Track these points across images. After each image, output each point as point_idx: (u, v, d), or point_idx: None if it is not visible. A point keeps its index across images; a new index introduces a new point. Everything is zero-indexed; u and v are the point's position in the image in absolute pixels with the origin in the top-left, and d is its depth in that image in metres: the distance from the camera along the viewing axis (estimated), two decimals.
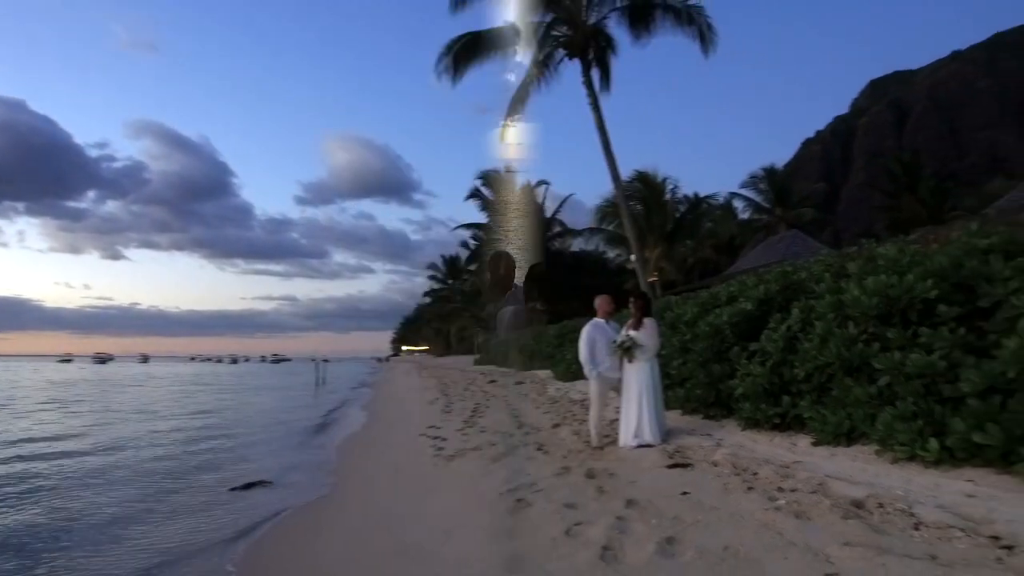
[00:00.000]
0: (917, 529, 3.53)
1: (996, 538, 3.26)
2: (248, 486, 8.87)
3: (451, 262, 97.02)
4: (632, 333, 6.97)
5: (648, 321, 7.03)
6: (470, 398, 17.09)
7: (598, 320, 7.44)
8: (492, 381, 22.84)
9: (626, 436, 6.92)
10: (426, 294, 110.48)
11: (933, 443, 4.47)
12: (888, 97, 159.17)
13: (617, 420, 7.40)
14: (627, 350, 6.95)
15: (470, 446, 8.82)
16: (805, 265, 8.04)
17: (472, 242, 58.52)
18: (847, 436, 5.46)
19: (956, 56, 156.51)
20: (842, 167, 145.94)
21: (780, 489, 4.57)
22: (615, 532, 4.13)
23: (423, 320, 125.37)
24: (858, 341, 5.55)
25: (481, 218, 49.32)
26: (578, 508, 4.85)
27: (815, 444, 5.73)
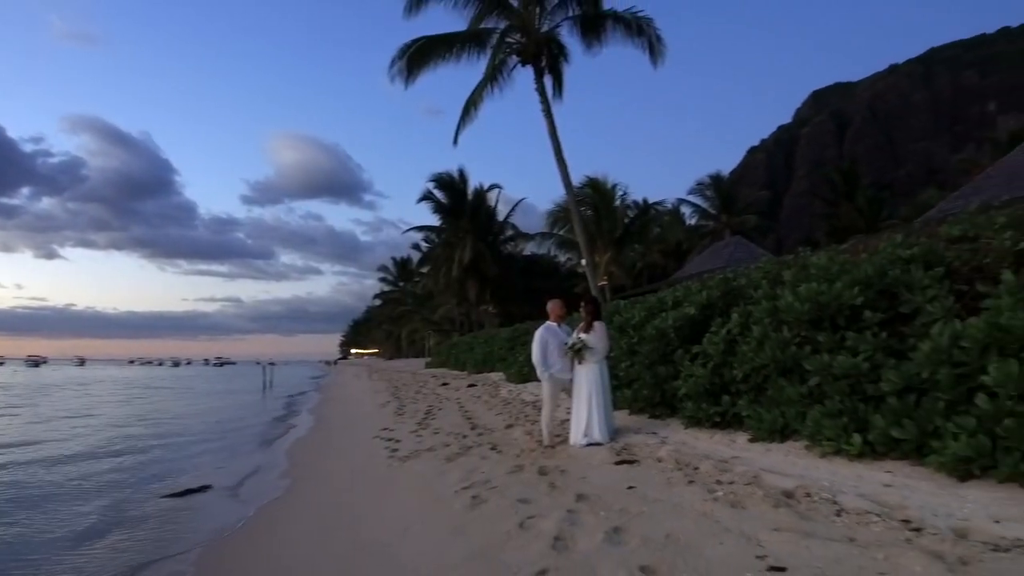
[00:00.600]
0: (839, 515, 3.88)
1: (907, 521, 3.63)
2: (188, 492, 8.69)
3: (402, 264, 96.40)
4: (583, 336, 7.26)
5: (598, 325, 7.33)
6: (423, 400, 17.19)
7: (550, 323, 7.70)
8: (444, 384, 22.96)
9: (576, 435, 7.20)
10: (376, 296, 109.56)
11: (856, 438, 4.86)
12: (829, 108, 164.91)
13: (568, 420, 7.68)
14: (578, 352, 7.23)
15: (424, 447, 8.97)
16: (745, 272, 8.48)
17: (424, 244, 58.31)
18: (781, 433, 5.85)
19: (894, 69, 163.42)
20: (785, 175, 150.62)
21: (718, 482, 4.90)
22: (566, 524, 4.37)
23: (373, 323, 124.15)
24: (791, 344, 5.95)
25: (434, 220, 49.29)
26: (531, 503, 5.08)
27: (752, 440, 6.11)
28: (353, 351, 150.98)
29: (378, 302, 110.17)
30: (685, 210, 50.69)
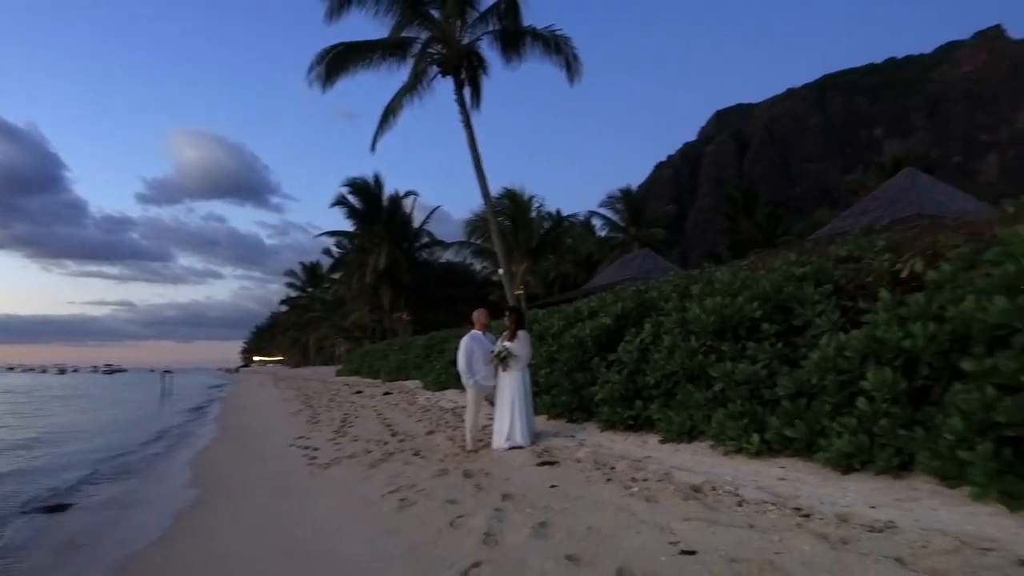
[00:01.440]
0: (740, 506, 4.34)
1: (798, 509, 4.11)
2: (59, 508, 8.11)
3: (311, 269, 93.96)
4: (507, 344, 7.56)
5: (522, 333, 7.66)
6: (337, 409, 16.98)
7: (476, 332, 7.97)
8: (358, 392, 22.70)
9: (499, 439, 7.49)
10: (283, 302, 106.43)
11: (755, 437, 5.39)
12: (731, 128, 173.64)
13: (490, 425, 7.95)
14: (502, 360, 7.53)
15: (345, 454, 8.99)
16: (656, 285, 9.04)
17: (336, 250, 57.13)
18: (689, 434, 6.35)
19: (790, 93, 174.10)
20: (690, 190, 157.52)
21: (633, 479, 5.30)
22: (495, 521, 4.63)
23: (278, 329, 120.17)
24: (698, 353, 6.47)
25: (347, 226, 48.49)
26: (459, 503, 5.31)
27: (662, 441, 6.59)
28: (256, 359, 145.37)
29: (284, 308, 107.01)
30: (596, 222, 52.19)
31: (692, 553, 3.59)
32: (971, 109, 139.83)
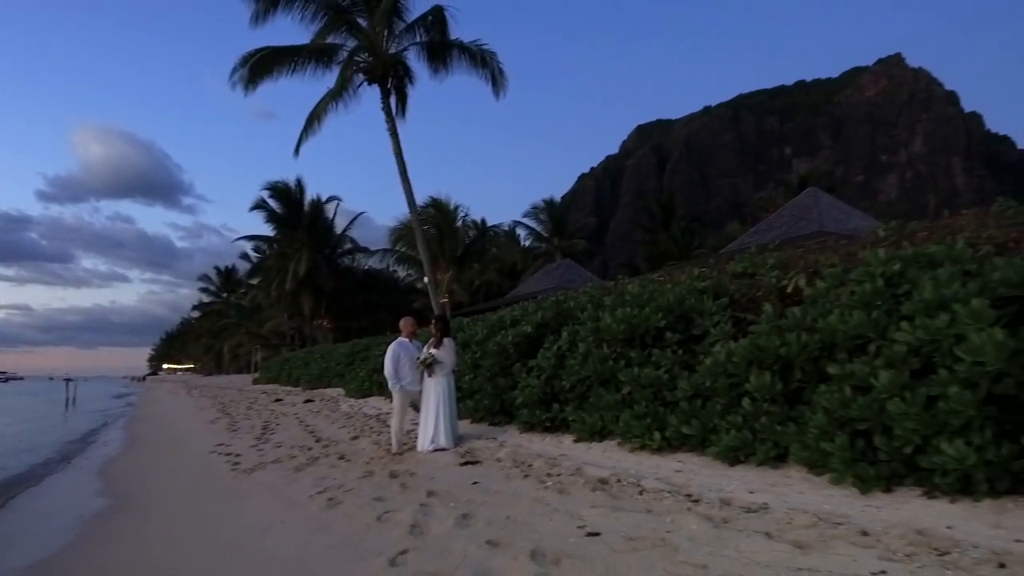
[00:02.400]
0: (641, 494, 4.88)
1: (690, 495, 4.69)
2: None
3: (227, 274, 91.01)
4: (433, 351, 7.93)
5: (447, 341, 8.06)
6: (257, 417, 16.79)
7: (403, 339, 8.30)
8: (278, 400, 22.39)
9: (424, 442, 7.84)
10: (195, 307, 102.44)
11: (656, 435, 5.98)
12: (651, 142, 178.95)
13: (415, 429, 8.28)
14: (428, 366, 7.89)
15: (269, 459, 9.09)
16: (574, 296, 9.63)
17: (254, 254, 55.59)
18: (600, 433, 6.90)
19: (707, 111, 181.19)
20: (612, 202, 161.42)
21: (548, 475, 5.80)
22: (420, 515, 4.99)
23: (190, 336, 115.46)
24: (609, 359, 7.04)
25: (266, 230, 47.41)
26: (386, 501, 5.64)
27: (576, 441, 7.11)
28: (165, 366, 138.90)
29: (197, 314, 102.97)
30: (521, 232, 53.16)
31: (596, 535, 4.08)
32: (873, 131, 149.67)
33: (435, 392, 7.87)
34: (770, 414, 5.11)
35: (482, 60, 22.69)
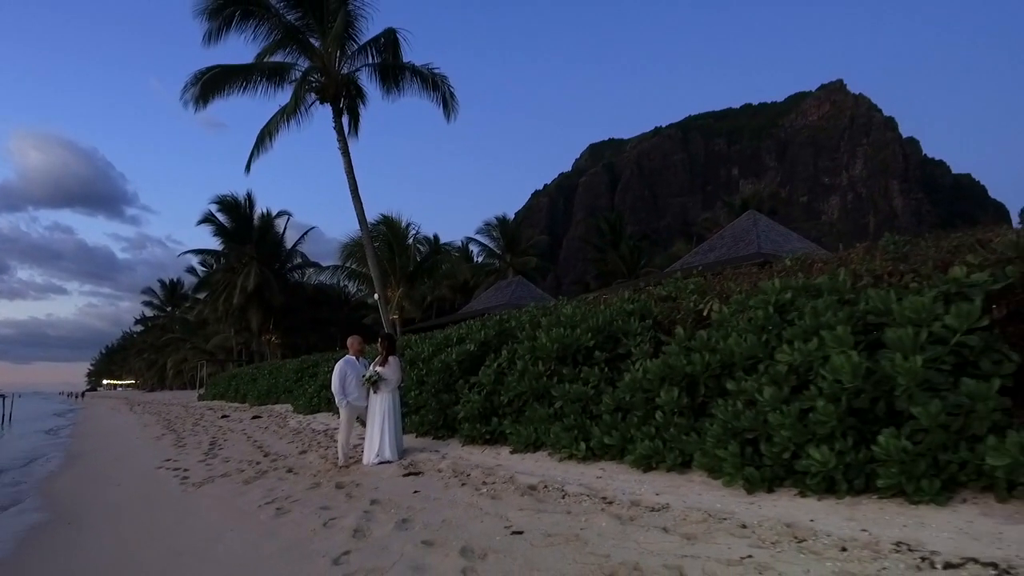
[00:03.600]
0: (564, 498, 5.46)
1: (604, 498, 5.28)
2: None
3: (172, 287, 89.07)
4: (378, 369, 8.39)
5: (392, 359, 8.53)
6: (203, 432, 16.82)
7: (350, 357, 8.74)
8: (225, 416, 22.32)
9: (369, 455, 8.27)
10: (138, 321, 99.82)
11: (582, 445, 6.59)
12: (604, 161, 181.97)
13: (361, 444, 8.70)
14: (374, 383, 8.35)
15: (217, 474, 9.36)
16: (515, 315, 10.21)
17: (201, 268, 54.62)
18: (533, 445, 7.47)
19: (658, 131, 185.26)
20: (564, 219, 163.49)
21: (484, 483, 6.33)
22: (363, 521, 5.45)
23: (132, 350, 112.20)
24: (544, 376, 7.63)
25: (214, 244, 46.77)
26: (331, 509, 6.08)
27: (512, 452, 7.66)
28: (106, 382, 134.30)
29: (140, 328, 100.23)
30: (473, 248, 53.79)
31: (520, 533, 4.62)
32: (816, 154, 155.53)
33: (381, 407, 8.32)
34: (678, 426, 5.77)
35: (433, 83, 23.25)
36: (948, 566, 3.37)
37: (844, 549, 3.70)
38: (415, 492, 6.35)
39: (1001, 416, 4.03)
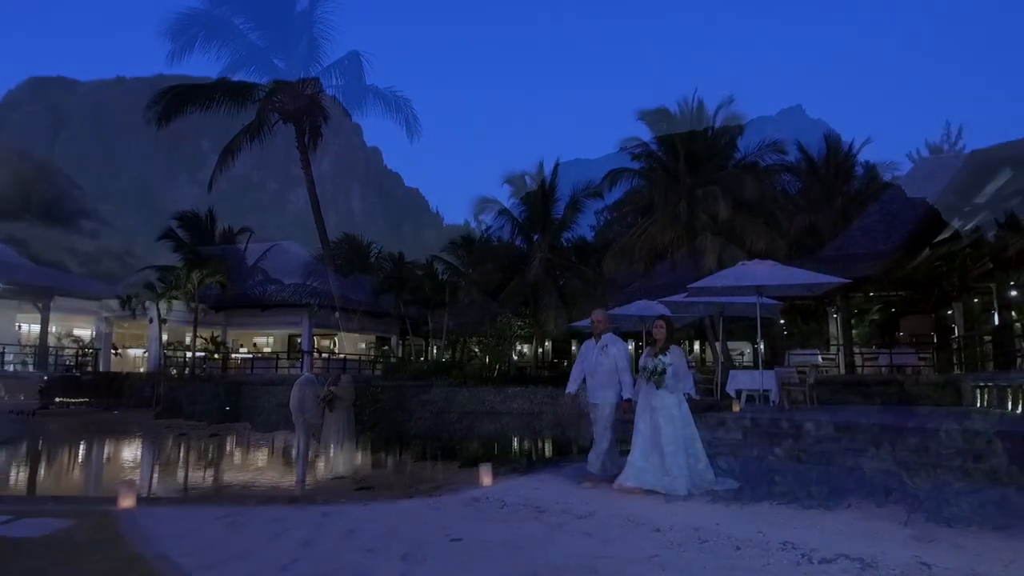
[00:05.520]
0: (502, 508, 5.91)
1: (538, 507, 5.75)
2: None
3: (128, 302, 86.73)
4: (333, 388, 8.76)
5: (344, 377, 8.92)
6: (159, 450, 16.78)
7: (309, 375, 9.09)
8: (183, 435, 22.13)
9: (325, 470, 8.60)
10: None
11: (523, 462, 7.03)
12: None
13: (318, 459, 9.02)
14: (329, 402, 8.71)
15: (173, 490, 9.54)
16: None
17: (159, 285, 53.46)
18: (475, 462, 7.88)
19: (622, 146, 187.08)
20: None
21: (431, 496, 6.72)
22: (314, 531, 5.76)
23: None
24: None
25: (174, 260, 45.99)
26: (284, 521, 6.37)
27: (461, 467, 8.07)
28: (58, 399, 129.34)
29: None
30: (438, 266, 53.76)
31: (459, 540, 5.03)
32: None
33: (335, 425, 8.67)
34: None
35: (396, 106, 23.75)
36: (823, 561, 3.92)
37: (738, 548, 4.22)
38: (365, 505, 6.71)
39: None
